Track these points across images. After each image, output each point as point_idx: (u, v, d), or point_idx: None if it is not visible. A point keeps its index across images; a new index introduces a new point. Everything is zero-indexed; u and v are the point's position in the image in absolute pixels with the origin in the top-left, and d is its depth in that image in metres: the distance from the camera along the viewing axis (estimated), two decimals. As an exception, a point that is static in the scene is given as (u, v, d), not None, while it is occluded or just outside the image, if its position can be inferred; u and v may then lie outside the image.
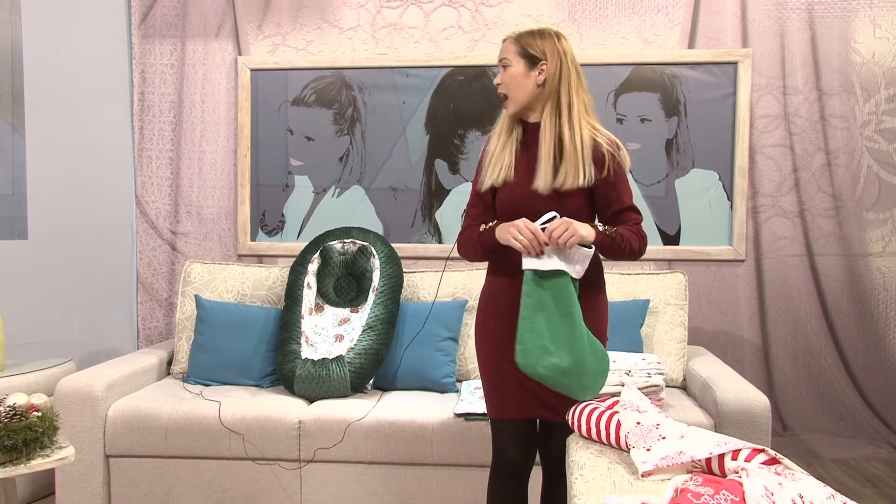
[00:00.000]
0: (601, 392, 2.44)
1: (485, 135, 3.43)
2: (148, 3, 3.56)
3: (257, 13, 3.53)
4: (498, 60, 1.91)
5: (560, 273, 1.75)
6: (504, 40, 1.91)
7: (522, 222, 1.76)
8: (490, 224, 1.89)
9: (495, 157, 1.90)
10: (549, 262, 1.75)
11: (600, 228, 1.80)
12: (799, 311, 3.34)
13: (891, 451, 3.22)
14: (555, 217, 1.79)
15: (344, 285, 3.04)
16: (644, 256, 3.30)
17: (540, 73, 1.85)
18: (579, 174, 1.81)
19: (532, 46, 1.85)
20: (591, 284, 1.90)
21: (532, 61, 1.85)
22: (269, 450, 2.54)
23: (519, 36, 1.87)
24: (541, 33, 1.87)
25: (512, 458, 1.93)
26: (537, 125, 1.90)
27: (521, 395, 1.89)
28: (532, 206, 1.83)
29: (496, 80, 1.91)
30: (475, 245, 1.92)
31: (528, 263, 1.77)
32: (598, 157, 1.84)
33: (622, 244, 1.83)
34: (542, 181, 1.82)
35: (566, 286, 1.76)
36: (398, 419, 2.52)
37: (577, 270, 1.78)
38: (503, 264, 1.89)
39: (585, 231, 1.75)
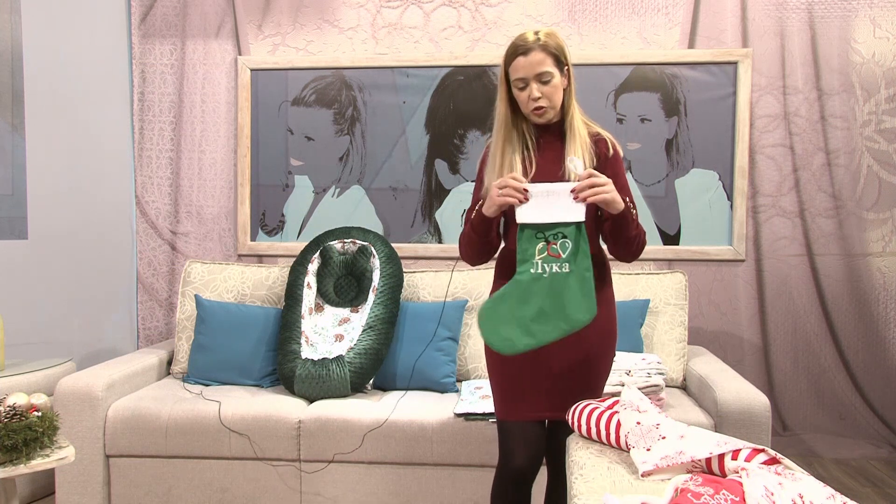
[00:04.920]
0: (602, 392, 2.44)
1: (485, 135, 3.43)
2: (148, 3, 3.56)
3: (257, 13, 3.53)
4: (532, 76, 1.78)
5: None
6: (525, 52, 1.78)
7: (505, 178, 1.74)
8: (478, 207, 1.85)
9: (505, 162, 1.84)
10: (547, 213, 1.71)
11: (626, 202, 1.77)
12: (799, 311, 3.34)
13: (891, 451, 3.22)
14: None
15: (344, 285, 3.04)
16: (644, 256, 3.34)
17: (564, 77, 1.83)
18: (591, 166, 1.83)
19: (561, 53, 1.81)
20: (597, 280, 1.86)
21: (561, 68, 1.81)
22: (269, 450, 2.54)
23: (545, 45, 1.78)
24: (555, 36, 1.82)
25: (519, 465, 1.87)
26: (548, 126, 1.88)
27: (531, 396, 1.86)
28: None
29: (534, 95, 1.79)
30: (469, 235, 1.88)
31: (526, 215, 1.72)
32: (601, 145, 1.87)
33: (637, 229, 1.81)
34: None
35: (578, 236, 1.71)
36: (398, 419, 2.52)
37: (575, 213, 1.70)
38: (511, 267, 1.83)
39: (616, 194, 1.71)
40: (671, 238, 3.37)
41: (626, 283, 3.01)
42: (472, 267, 2.10)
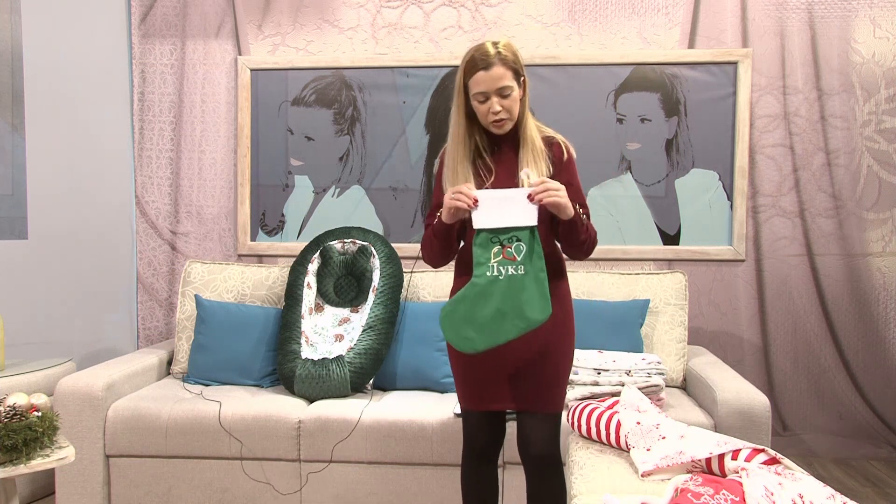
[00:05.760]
0: (601, 392, 2.45)
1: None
2: (148, 3, 3.56)
3: (257, 13, 3.53)
4: (493, 90, 1.81)
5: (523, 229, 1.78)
6: (486, 67, 1.80)
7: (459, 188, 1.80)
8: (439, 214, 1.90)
9: (459, 170, 1.89)
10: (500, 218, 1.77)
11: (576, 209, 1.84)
12: (799, 311, 3.34)
13: (891, 451, 3.22)
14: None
15: (344, 285, 3.04)
16: (644, 256, 3.35)
17: (521, 88, 1.88)
18: (546, 171, 1.89)
19: (518, 65, 1.85)
20: (552, 276, 1.90)
21: (518, 80, 1.86)
22: (269, 450, 2.54)
23: (505, 59, 1.81)
24: (511, 47, 1.86)
25: (479, 444, 2.02)
26: (503, 135, 1.92)
27: (490, 388, 1.94)
28: None
29: (495, 109, 1.83)
30: (430, 240, 1.94)
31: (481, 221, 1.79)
32: (555, 149, 1.93)
33: (587, 233, 1.88)
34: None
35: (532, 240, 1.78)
36: (398, 419, 2.52)
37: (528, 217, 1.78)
38: (469, 264, 1.89)
39: (568, 201, 1.78)
40: (671, 238, 3.37)
41: (626, 283, 3.01)
42: (434, 269, 2.19)
